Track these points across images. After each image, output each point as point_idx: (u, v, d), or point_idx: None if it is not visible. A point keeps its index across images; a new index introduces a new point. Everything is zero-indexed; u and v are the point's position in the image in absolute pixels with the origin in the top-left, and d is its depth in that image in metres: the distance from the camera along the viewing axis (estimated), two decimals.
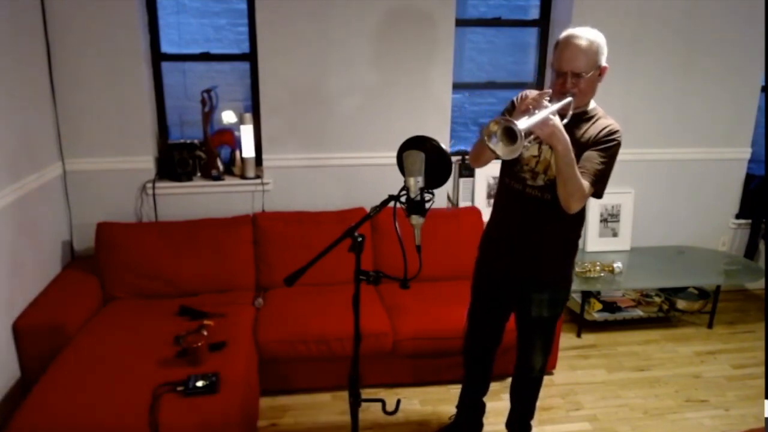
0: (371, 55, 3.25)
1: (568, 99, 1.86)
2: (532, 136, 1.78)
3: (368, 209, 1.82)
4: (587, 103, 1.97)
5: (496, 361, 2.39)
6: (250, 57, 3.33)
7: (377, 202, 1.79)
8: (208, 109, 3.24)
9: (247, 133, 3.23)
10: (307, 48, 3.18)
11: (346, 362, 2.13)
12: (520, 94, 1.99)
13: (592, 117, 1.97)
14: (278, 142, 3.30)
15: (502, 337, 2.33)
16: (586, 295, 3.42)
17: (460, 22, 3.40)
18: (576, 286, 3.32)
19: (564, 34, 1.90)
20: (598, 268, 3.41)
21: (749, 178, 3.92)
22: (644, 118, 3.64)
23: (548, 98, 1.81)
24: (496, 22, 3.56)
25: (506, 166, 2.04)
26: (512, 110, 2.01)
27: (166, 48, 3.29)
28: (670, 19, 3.48)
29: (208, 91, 3.22)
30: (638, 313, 3.52)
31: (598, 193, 1.92)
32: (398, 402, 2.38)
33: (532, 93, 1.92)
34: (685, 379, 3.03)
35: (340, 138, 3.35)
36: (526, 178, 1.99)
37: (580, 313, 3.41)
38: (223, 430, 1.97)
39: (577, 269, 3.41)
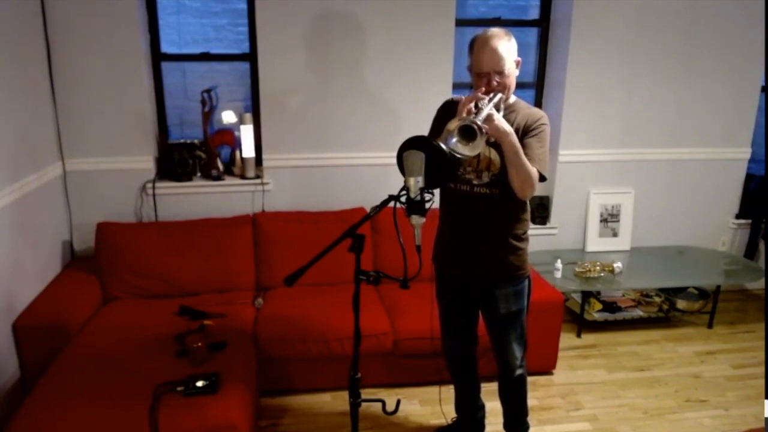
0: (371, 54, 3.25)
1: (499, 95, 1.94)
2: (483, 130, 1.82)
3: (368, 209, 1.82)
4: (509, 98, 2.05)
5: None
6: (250, 57, 3.33)
7: (377, 202, 1.79)
8: (208, 109, 3.24)
9: (247, 133, 3.23)
10: (307, 48, 3.18)
11: (346, 362, 2.13)
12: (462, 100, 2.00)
13: (516, 109, 2.05)
14: (278, 142, 3.30)
15: (477, 337, 2.34)
16: (586, 295, 3.42)
17: (460, 22, 3.40)
18: (576, 286, 3.32)
19: (477, 36, 1.98)
20: (598, 268, 3.41)
21: (749, 178, 3.92)
22: (644, 118, 3.64)
23: (482, 97, 1.87)
24: (496, 22, 3.55)
25: None
26: (440, 121, 2.08)
27: (166, 48, 3.29)
28: (670, 19, 3.48)
29: (208, 91, 3.22)
30: (638, 313, 3.53)
31: (543, 175, 1.99)
32: (398, 402, 2.39)
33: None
34: (685, 379, 3.03)
35: (340, 138, 3.35)
36: (472, 179, 2.04)
37: (580, 313, 3.41)
38: (223, 431, 1.97)
39: (577, 269, 3.42)
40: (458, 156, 1.75)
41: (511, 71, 1.98)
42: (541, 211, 3.69)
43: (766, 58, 3.61)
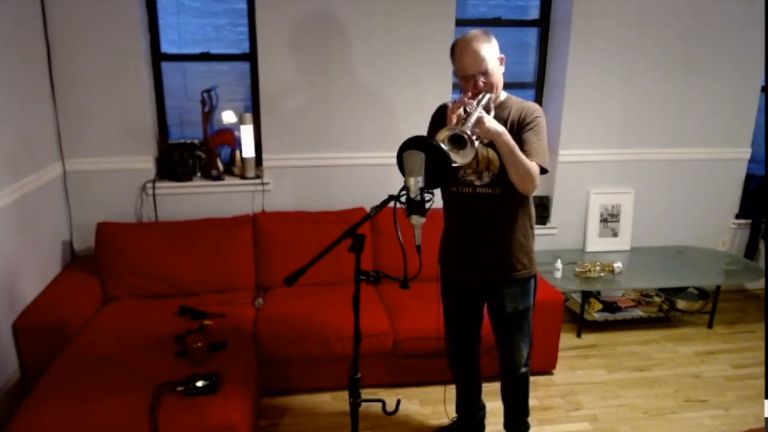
0: (371, 54, 3.25)
1: (488, 95, 1.94)
2: (473, 137, 1.82)
3: (368, 209, 1.82)
4: (500, 94, 2.05)
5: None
6: (250, 57, 3.33)
7: (377, 202, 1.79)
8: (208, 109, 3.24)
9: (247, 133, 3.23)
10: (307, 48, 3.18)
11: (346, 362, 2.13)
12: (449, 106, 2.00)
13: (509, 105, 2.05)
14: (278, 142, 3.30)
15: (480, 337, 2.34)
16: (586, 295, 3.42)
17: (460, 22, 3.40)
18: (576, 286, 3.32)
19: (456, 41, 2.00)
20: (598, 268, 3.41)
21: (749, 178, 3.92)
22: (644, 118, 3.64)
23: (469, 101, 1.87)
24: (496, 22, 3.56)
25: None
26: (434, 127, 2.08)
27: (166, 48, 3.29)
28: (670, 19, 3.48)
29: (208, 91, 3.22)
30: (638, 313, 3.52)
31: (544, 167, 1.98)
32: (398, 402, 2.39)
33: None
34: (685, 379, 3.03)
35: (340, 138, 3.35)
36: (473, 180, 2.04)
37: (580, 313, 3.41)
38: (223, 431, 1.97)
39: (577, 269, 3.42)
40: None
41: (496, 69, 1.98)
42: (541, 211, 3.69)
43: (766, 58, 3.61)
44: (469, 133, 1.71)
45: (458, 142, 1.73)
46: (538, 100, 3.71)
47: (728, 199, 3.94)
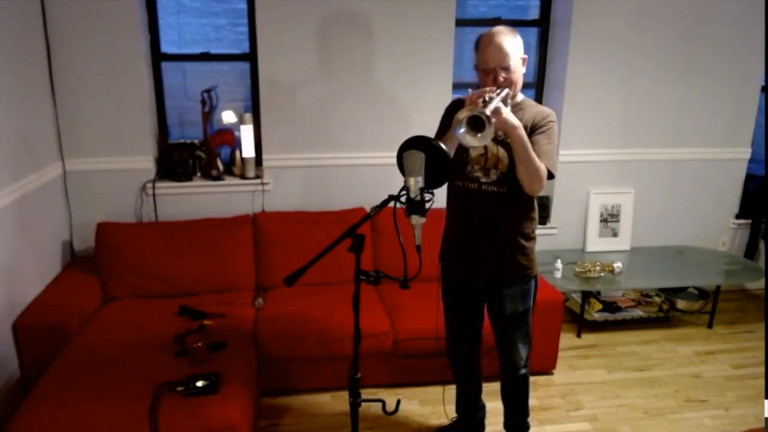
0: (371, 54, 3.25)
1: (507, 90, 1.94)
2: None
3: (368, 209, 1.82)
4: (516, 95, 2.05)
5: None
6: (250, 57, 3.33)
7: (377, 202, 1.79)
8: (208, 109, 3.24)
9: (247, 133, 3.23)
10: (307, 48, 3.18)
11: (346, 362, 2.13)
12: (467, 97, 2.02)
13: (524, 107, 2.05)
14: (278, 142, 3.30)
15: (481, 337, 2.34)
16: (586, 295, 3.42)
17: (460, 22, 3.40)
18: (576, 286, 3.32)
19: (482, 34, 2.00)
20: (598, 268, 3.41)
21: (749, 178, 3.92)
22: (644, 118, 3.65)
23: (487, 95, 1.87)
24: (496, 22, 3.55)
25: (457, 169, 2.08)
26: (447, 120, 2.07)
27: (166, 48, 3.29)
28: (671, 19, 3.48)
29: (208, 91, 3.22)
30: (638, 313, 3.52)
31: (552, 172, 1.98)
32: (398, 402, 2.39)
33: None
34: (685, 379, 3.03)
35: (340, 138, 3.35)
36: (480, 177, 2.04)
37: (580, 313, 3.41)
38: (223, 431, 1.97)
39: (577, 269, 3.41)
40: (467, 146, 1.75)
41: (517, 67, 1.98)
42: (541, 211, 3.69)
43: (766, 58, 3.62)
44: (488, 113, 1.71)
45: (476, 124, 1.72)
46: (538, 99, 3.71)
47: (728, 199, 3.94)
